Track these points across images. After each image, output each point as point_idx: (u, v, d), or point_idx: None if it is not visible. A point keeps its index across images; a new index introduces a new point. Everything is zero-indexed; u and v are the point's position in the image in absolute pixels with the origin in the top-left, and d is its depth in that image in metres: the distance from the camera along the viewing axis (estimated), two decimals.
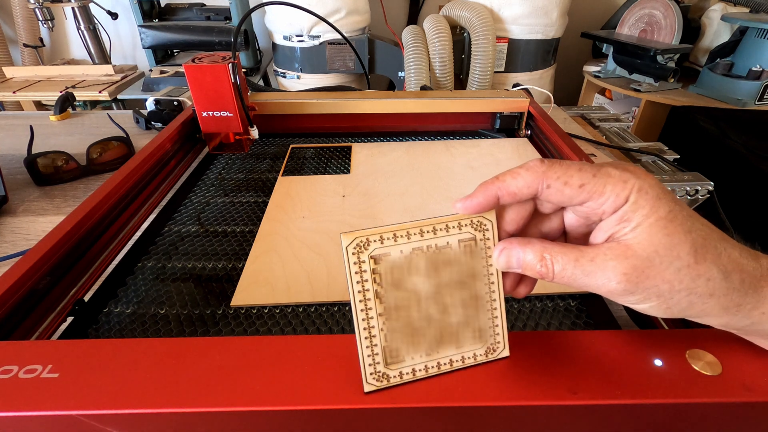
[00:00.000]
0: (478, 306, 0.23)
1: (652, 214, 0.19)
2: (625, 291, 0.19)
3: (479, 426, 0.22)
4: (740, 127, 0.97)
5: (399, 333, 0.22)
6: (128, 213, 0.44)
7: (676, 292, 0.19)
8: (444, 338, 0.22)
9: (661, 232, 0.19)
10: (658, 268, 0.19)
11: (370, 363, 0.22)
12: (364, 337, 0.22)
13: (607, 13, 1.83)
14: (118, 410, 0.20)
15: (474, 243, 0.22)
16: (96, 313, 0.34)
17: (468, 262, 0.22)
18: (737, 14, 1.36)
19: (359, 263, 0.21)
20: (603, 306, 0.34)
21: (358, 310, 0.21)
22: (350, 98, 0.65)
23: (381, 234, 0.21)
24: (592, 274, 0.19)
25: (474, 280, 0.22)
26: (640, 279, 0.19)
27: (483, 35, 1.41)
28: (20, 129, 0.82)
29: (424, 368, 0.22)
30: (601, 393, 0.21)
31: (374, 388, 0.22)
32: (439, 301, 0.22)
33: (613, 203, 0.19)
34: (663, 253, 0.19)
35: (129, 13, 1.66)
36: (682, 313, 0.20)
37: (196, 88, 0.54)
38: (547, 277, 0.20)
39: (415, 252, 0.22)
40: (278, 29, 1.52)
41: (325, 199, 0.48)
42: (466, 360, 0.23)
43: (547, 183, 0.20)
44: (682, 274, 0.19)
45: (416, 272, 0.22)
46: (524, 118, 0.66)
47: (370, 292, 0.21)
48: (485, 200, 0.21)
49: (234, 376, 0.22)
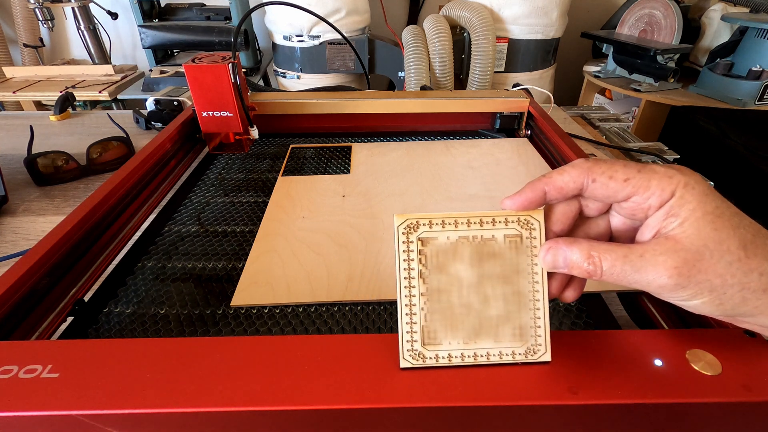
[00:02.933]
0: (520, 303, 0.23)
1: (699, 209, 0.19)
2: (677, 285, 0.19)
3: (479, 426, 0.22)
4: (740, 127, 0.97)
5: (439, 315, 0.22)
6: (128, 213, 0.44)
7: (729, 287, 0.19)
8: (483, 330, 0.23)
9: (709, 227, 0.18)
10: (708, 261, 0.18)
11: (408, 339, 0.22)
12: (405, 314, 0.22)
13: (607, 13, 1.83)
14: (118, 410, 0.20)
15: (520, 240, 0.22)
16: (96, 313, 0.34)
17: (513, 257, 0.22)
18: (737, 14, 1.36)
19: (407, 243, 0.22)
20: (603, 306, 0.34)
21: (402, 286, 0.22)
22: (350, 98, 0.65)
23: (430, 219, 0.22)
24: (642, 269, 0.19)
25: (518, 277, 0.23)
26: (692, 273, 0.18)
27: (483, 35, 1.41)
28: (20, 129, 0.82)
29: (461, 356, 0.22)
30: (601, 393, 0.21)
31: (409, 365, 0.22)
32: (480, 291, 0.23)
33: (659, 198, 0.19)
34: (713, 247, 0.18)
35: (129, 13, 1.66)
36: (734, 310, 0.19)
37: (196, 88, 0.54)
38: (596, 275, 0.20)
39: (461, 240, 0.22)
40: (278, 29, 1.52)
41: (325, 199, 0.48)
42: (504, 356, 0.23)
43: (593, 177, 0.20)
44: (734, 268, 0.18)
45: (460, 260, 0.22)
46: (524, 118, 0.66)
47: (415, 272, 0.22)
48: (533, 195, 0.21)
49: (234, 376, 0.22)
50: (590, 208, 0.23)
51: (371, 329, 0.32)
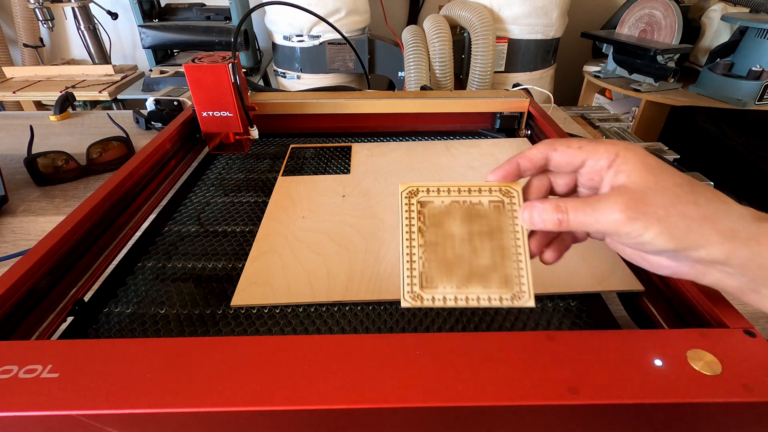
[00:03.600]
0: (505, 256, 0.26)
1: (639, 163, 0.23)
2: (629, 218, 0.22)
3: (479, 426, 0.22)
4: (740, 127, 0.97)
5: (435, 263, 0.26)
6: (128, 213, 0.44)
7: (672, 216, 0.22)
8: (473, 277, 0.26)
9: (649, 174, 0.23)
10: (652, 197, 0.22)
11: (408, 283, 0.26)
12: (406, 261, 0.26)
13: (607, 13, 1.83)
14: (118, 410, 0.20)
15: (502, 205, 0.27)
16: (96, 313, 0.34)
17: (497, 218, 0.27)
18: (737, 14, 1.36)
19: (409, 204, 0.27)
20: (603, 306, 0.34)
21: (403, 240, 0.26)
22: (350, 98, 0.65)
23: (428, 187, 0.28)
24: (599, 209, 0.23)
25: (501, 234, 0.27)
26: (639, 206, 0.22)
27: (483, 35, 1.41)
28: (20, 129, 0.82)
29: (454, 299, 0.26)
30: (601, 393, 0.21)
31: (409, 305, 0.26)
32: (470, 244, 0.26)
33: (606, 159, 0.24)
34: (654, 187, 0.23)
35: (129, 13, 1.66)
36: (683, 241, 0.22)
37: (196, 88, 0.54)
38: (565, 221, 0.24)
39: (453, 204, 0.27)
40: (278, 29, 1.52)
41: (325, 199, 0.48)
42: (492, 301, 0.26)
43: (554, 148, 0.26)
44: (674, 201, 0.22)
45: (453, 219, 0.27)
46: (524, 118, 0.66)
47: (415, 227, 0.27)
48: (509, 167, 0.27)
49: (234, 376, 0.22)
50: (559, 184, 0.27)
51: (371, 329, 0.32)
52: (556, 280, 0.35)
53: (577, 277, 0.35)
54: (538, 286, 0.34)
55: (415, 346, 0.24)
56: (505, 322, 0.33)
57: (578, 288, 0.35)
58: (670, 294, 0.31)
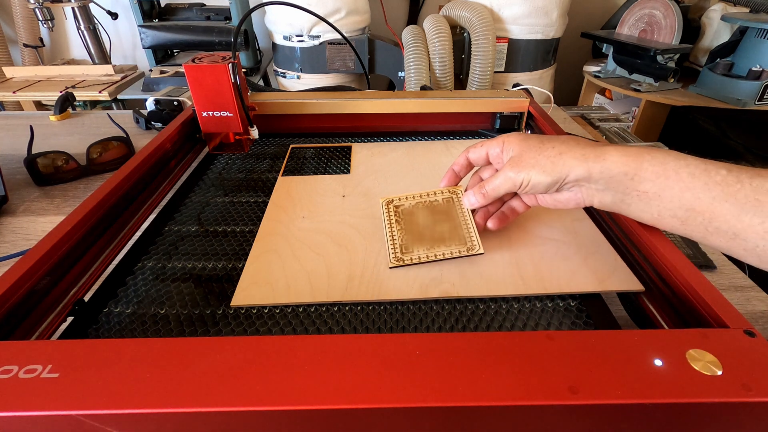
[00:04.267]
0: (458, 227, 0.39)
1: (516, 140, 0.35)
2: (516, 173, 0.34)
3: (479, 426, 0.22)
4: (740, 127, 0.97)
5: (409, 236, 0.39)
6: (128, 213, 0.44)
7: (540, 160, 0.33)
8: (437, 242, 0.38)
9: (523, 143, 0.35)
10: (526, 155, 0.34)
11: (392, 250, 0.38)
12: (389, 238, 0.39)
13: (607, 13, 1.83)
14: (118, 410, 0.20)
15: (451, 199, 0.41)
16: (96, 313, 0.34)
17: (449, 208, 0.41)
18: (737, 14, 1.36)
19: (388, 208, 0.42)
20: (603, 306, 0.34)
21: (386, 227, 0.40)
22: (350, 98, 0.65)
23: (399, 197, 0.43)
24: (499, 176, 0.35)
25: (453, 216, 0.40)
26: (519, 162, 0.34)
27: (483, 35, 1.41)
28: (20, 129, 0.82)
29: (426, 257, 0.37)
30: (601, 393, 0.21)
31: (395, 264, 0.36)
32: (434, 225, 0.39)
33: (498, 146, 0.36)
34: (526, 149, 0.34)
35: (129, 13, 1.66)
36: (554, 174, 0.32)
37: (196, 88, 0.54)
38: (486, 194, 0.36)
39: (417, 204, 0.42)
40: (278, 29, 1.52)
41: (325, 199, 0.48)
42: (453, 253, 0.37)
43: (468, 151, 0.39)
44: (539, 150, 0.33)
45: (419, 212, 0.41)
46: (524, 118, 0.66)
47: (393, 220, 0.41)
48: (450, 174, 0.41)
49: (234, 376, 0.22)
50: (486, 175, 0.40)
51: (371, 329, 0.32)
52: (556, 280, 0.35)
53: (577, 277, 0.35)
54: (538, 287, 0.35)
55: (415, 346, 0.24)
56: (505, 322, 0.33)
57: (578, 288, 0.35)
58: (670, 294, 0.31)
